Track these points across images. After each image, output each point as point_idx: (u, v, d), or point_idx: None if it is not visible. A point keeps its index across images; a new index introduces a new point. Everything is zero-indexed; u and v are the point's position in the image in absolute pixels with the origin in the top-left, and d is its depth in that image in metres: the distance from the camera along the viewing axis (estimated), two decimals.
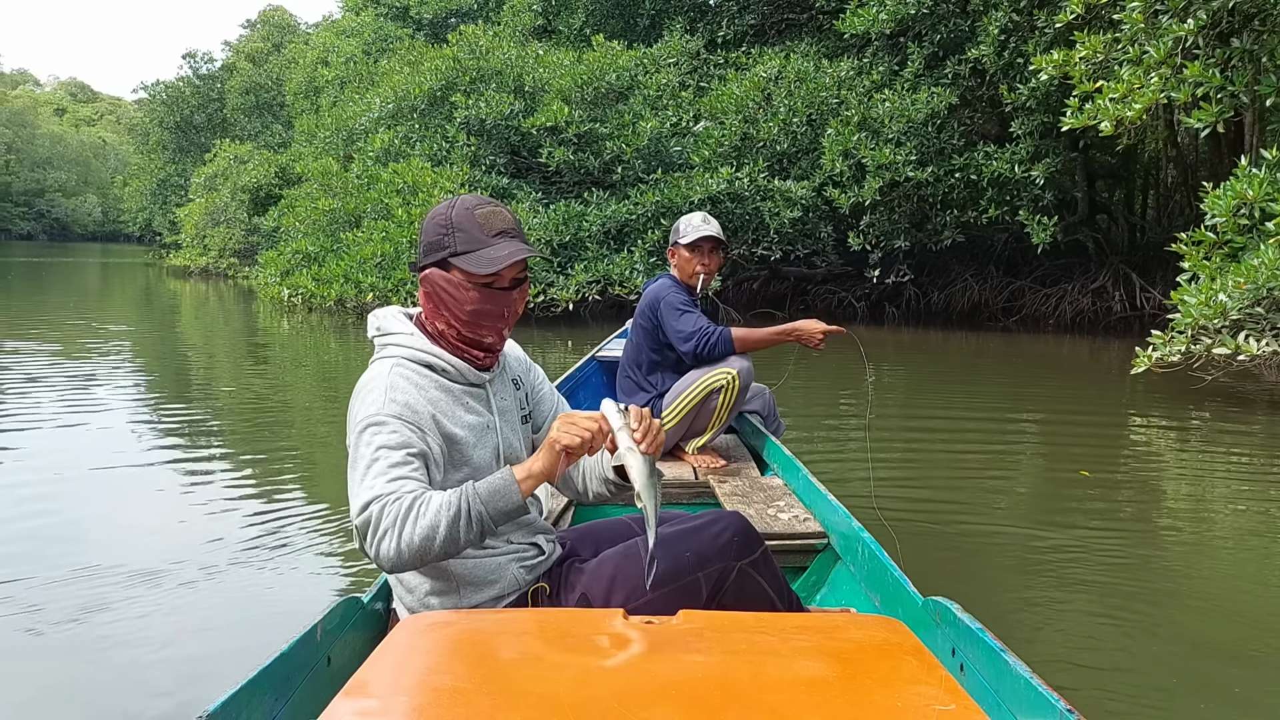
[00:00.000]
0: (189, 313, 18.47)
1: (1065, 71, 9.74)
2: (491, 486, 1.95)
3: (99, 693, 2.96)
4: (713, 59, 17.50)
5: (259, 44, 41.60)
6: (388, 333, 2.19)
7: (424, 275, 2.15)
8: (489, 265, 2.07)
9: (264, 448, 6.42)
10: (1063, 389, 10.10)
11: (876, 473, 5.14)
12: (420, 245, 2.17)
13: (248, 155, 28.76)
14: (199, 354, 11.99)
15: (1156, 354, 7.82)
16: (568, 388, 5.28)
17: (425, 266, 2.15)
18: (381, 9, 24.00)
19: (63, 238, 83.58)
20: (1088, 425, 7.78)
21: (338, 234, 16.34)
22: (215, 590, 3.74)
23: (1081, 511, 5.06)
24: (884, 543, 2.67)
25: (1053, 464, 6.43)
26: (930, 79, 14.48)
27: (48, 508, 4.81)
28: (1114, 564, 4.17)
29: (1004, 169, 13.77)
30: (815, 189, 14.67)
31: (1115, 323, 15.60)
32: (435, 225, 2.12)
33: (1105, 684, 3.00)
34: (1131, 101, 8.67)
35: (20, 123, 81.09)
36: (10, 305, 18.59)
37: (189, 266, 29.98)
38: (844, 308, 17.93)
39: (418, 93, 16.07)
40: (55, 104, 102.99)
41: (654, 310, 4.28)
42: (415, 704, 1.39)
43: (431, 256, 2.13)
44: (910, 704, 1.37)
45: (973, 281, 17.66)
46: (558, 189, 15.94)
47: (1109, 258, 16.42)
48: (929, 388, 10.23)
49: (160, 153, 43.71)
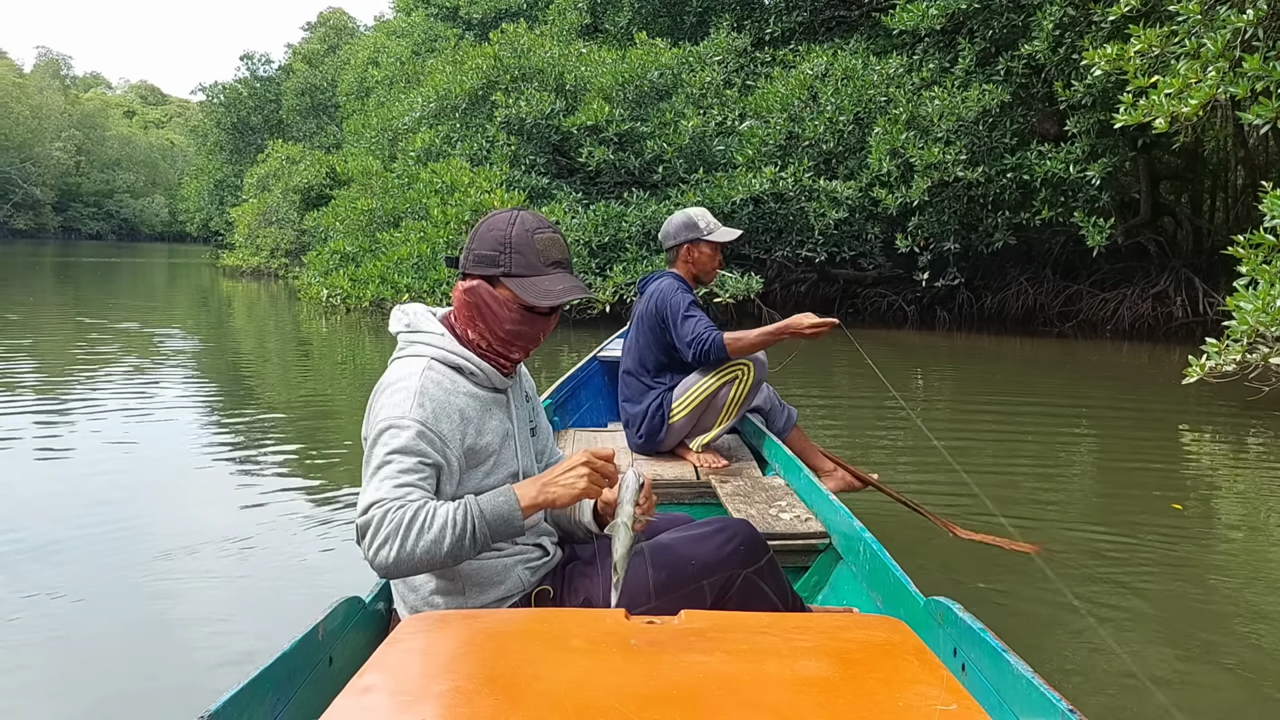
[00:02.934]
0: (231, 313, 18.57)
1: (1119, 66, 9.27)
2: (496, 510, 1.97)
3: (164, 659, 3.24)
4: (760, 56, 17.14)
5: (316, 45, 41.98)
6: (418, 330, 2.18)
7: (470, 285, 2.15)
8: (542, 298, 2.09)
9: (295, 447, 6.44)
10: (1118, 396, 9.77)
11: (919, 477, 4.96)
12: (470, 251, 2.16)
13: (299, 156, 28.91)
14: (236, 354, 11.94)
15: (1210, 363, 7.35)
16: (569, 388, 5.27)
17: (472, 275, 2.15)
18: (432, 9, 23.91)
19: (131, 238, 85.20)
20: (1143, 436, 7.53)
21: (375, 234, 16.25)
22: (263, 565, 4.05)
23: (1132, 524, 4.83)
24: (885, 542, 2.64)
25: (1106, 473, 6.22)
26: (982, 76, 13.99)
27: (113, 497, 5.08)
28: (1161, 572, 4.05)
29: (1058, 169, 13.24)
30: (862, 189, 14.25)
31: (1176, 329, 15.00)
32: (493, 240, 2.13)
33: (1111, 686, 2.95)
34: (1187, 97, 8.20)
35: (91, 125, 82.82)
36: (78, 303, 18.78)
37: (241, 266, 30.23)
38: (894, 311, 17.51)
39: (459, 92, 15.95)
40: (125, 106, 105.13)
41: (661, 311, 4.16)
42: (417, 704, 1.40)
43: (482, 269, 2.13)
44: (912, 704, 1.37)
45: (1028, 285, 17.12)
46: (598, 189, 15.71)
47: (1171, 261, 15.81)
48: (977, 395, 9.91)
49: (218, 153, 44.30)
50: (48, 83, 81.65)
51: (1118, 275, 16.28)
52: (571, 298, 2.10)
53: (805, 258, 15.75)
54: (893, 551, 2.54)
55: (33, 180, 71.95)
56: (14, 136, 70.46)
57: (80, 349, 11.35)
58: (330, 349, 12.84)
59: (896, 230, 14.86)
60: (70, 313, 16.33)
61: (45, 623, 3.44)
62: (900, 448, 6.87)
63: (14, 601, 3.63)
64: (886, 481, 4.49)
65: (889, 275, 17.27)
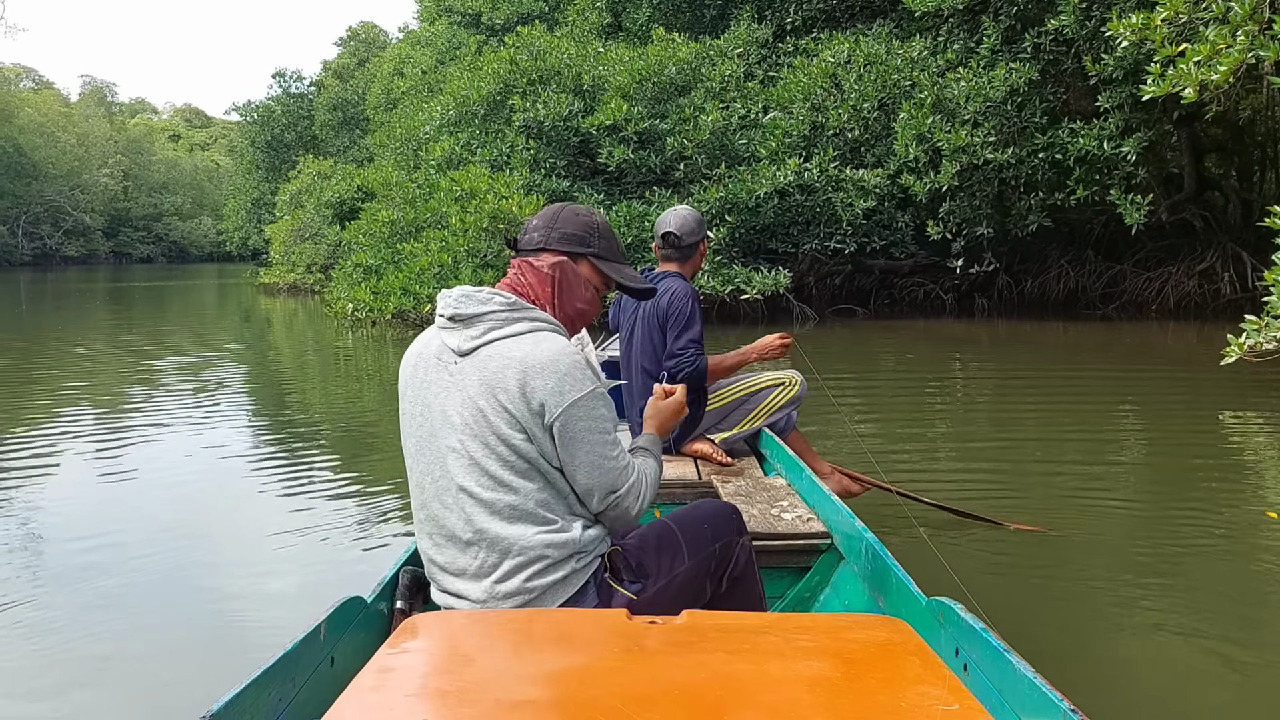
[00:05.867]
0: (259, 329, 18.59)
1: (1145, 36, 8.87)
2: (658, 452, 2.37)
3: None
4: (781, 47, 16.83)
5: (347, 59, 42.20)
6: (525, 307, 2.19)
7: (557, 260, 2.24)
8: (630, 280, 2.33)
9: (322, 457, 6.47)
10: (1167, 378, 9.56)
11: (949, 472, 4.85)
12: (554, 229, 2.26)
13: (330, 170, 28.97)
14: (276, 371, 11.87)
15: (1250, 341, 6.93)
16: None
17: (557, 251, 2.25)
18: (455, 17, 23.88)
19: (181, 260, 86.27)
20: (1183, 418, 7.39)
21: (397, 245, 16.15)
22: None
23: (1173, 519, 4.67)
24: (886, 542, 2.64)
25: (1153, 465, 6.08)
26: (1008, 54, 13.57)
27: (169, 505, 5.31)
28: (1191, 569, 3.93)
29: (1092, 146, 12.78)
30: (889, 177, 13.91)
31: (1224, 306, 14.49)
32: (581, 222, 2.27)
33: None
34: (1216, 64, 7.78)
35: (137, 150, 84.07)
36: (131, 327, 19.02)
37: (278, 283, 30.36)
38: (931, 300, 17.13)
39: (476, 97, 15.82)
40: (170, 130, 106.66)
41: (667, 311, 4.09)
42: (418, 703, 1.41)
43: (570, 246, 2.25)
44: (914, 704, 1.38)
45: (1069, 268, 16.67)
46: (621, 190, 15.49)
47: (1218, 237, 15.26)
48: (1019, 384, 9.64)
49: (254, 172, 44.65)
50: (93, 110, 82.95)
51: (1162, 253, 15.80)
52: (649, 285, 2.36)
53: (834, 250, 15.39)
54: (894, 552, 2.52)
55: (82, 207, 73.12)
56: (62, 165, 71.68)
57: (132, 372, 11.44)
58: (355, 363, 12.73)
59: (927, 217, 14.49)
60: (124, 338, 16.50)
61: (99, 615, 3.64)
62: (917, 448, 6.59)
63: (68, 595, 3.86)
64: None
65: (925, 264, 16.87)
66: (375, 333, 15.32)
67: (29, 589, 3.92)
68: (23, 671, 3.18)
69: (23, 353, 13.95)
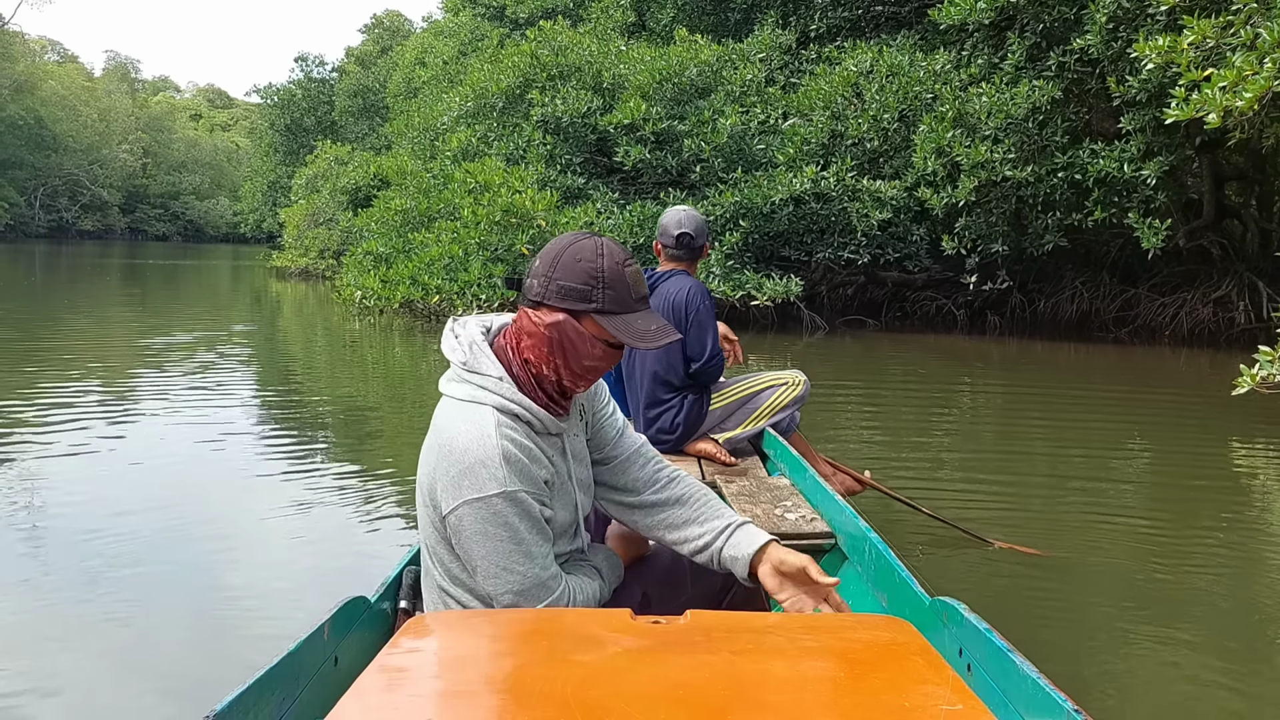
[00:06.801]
0: (269, 314, 18.59)
1: (1170, 59, 8.80)
2: (617, 577, 2.17)
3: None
4: (805, 54, 16.76)
5: (370, 46, 42.23)
6: (476, 371, 1.97)
7: (555, 320, 1.93)
8: (639, 339, 1.93)
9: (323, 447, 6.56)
10: (1176, 404, 9.52)
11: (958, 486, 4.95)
12: (551, 280, 1.94)
13: (347, 157, 28.97)
14: (284, 356, 11.85)
15: (1263, 372, 6.84)
16: None
17: (555, 308, 1.94)
18: (479, 9, 23.87)
19: (196, 239, 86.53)
20: (1191, 445, 7.39)
21: (408, 234, 16.12)
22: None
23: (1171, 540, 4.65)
24: (890, 542, 2.64)
25: (1157, 484, 6.10)
26: (1032, 71, 13.47)
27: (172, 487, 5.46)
28: (1191, 584, 3.96)
29: (1112, 168, 12.67)
30: (906, 189, 13.82)
31: (1238, 335, 14.34)
32: (584, 272, 1.92)
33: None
34: (1242, 90, 7.71)
35: (158, 128, 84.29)
36: (144, 306, 18.98)
37: (289, 267, 30.35)
38: (943, 315, 17.00)
39: (495, 90, 15.78)
40: (192, 109, 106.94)
41: (682, 312, 4.06)
42: (422, 704, 1.41)
43: (570, 303, 1.92)
44: (917, 704, 1.38)
45: (1083, 289, 16.52)
46: (636, 190, 15.43)
47: (1235, 265, 15.13)
48: (1028, 404, 9.59)
49: (272, 155, 44.71)
50: (116, 86, 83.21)
51: (1178, 279, 15.65)
52: (667, 340, 1.95)
53: (848, 260, 15.32)
54: (897, 552, 2.53)
55: (100, 182, 73.39)
56: (82, 139, 71.95)
57: (142, 352, 11.45)
58: (359, 352, 12.70)
59: (943, 232, 14.39)
60: (137, 315, 16.53)
61: (107, 603, 3.69)
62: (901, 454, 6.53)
63: (80, 578, 3.94)
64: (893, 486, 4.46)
65: (938, 278, 16.78)
66: (383, 321, 15.30)
67: (29, 586, 3.89)
68: (23, 672, 3.15)
69: (19, 324, 13.98)
